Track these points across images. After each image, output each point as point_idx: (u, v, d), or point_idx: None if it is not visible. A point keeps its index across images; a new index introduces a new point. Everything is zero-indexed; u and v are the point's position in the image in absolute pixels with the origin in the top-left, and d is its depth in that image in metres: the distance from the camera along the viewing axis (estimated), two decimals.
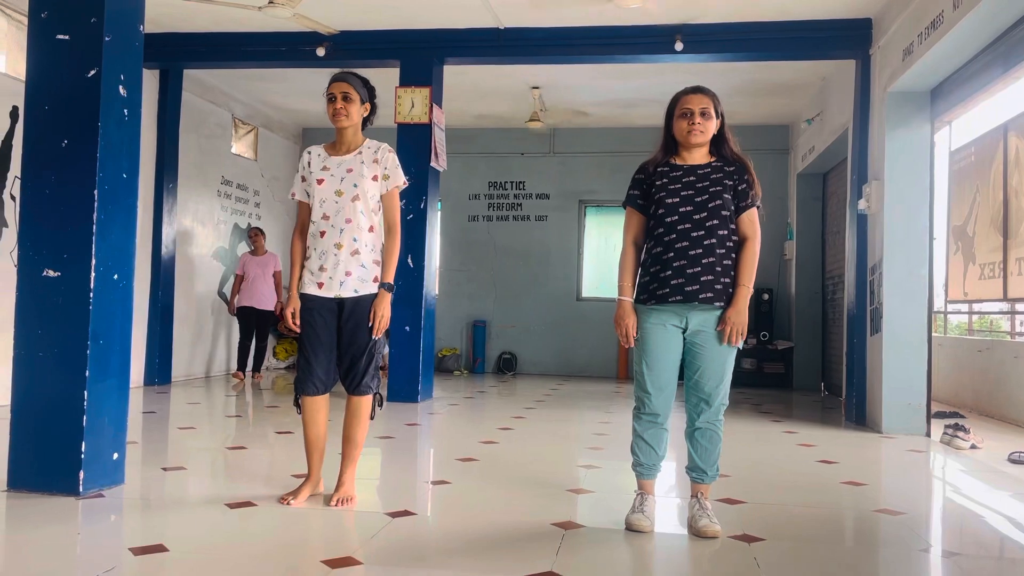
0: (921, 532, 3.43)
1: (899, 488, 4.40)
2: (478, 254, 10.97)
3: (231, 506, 3.39)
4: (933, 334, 6.26)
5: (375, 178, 3.42)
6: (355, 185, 3.37)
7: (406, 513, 3.34)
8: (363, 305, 3.40)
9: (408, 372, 7.07)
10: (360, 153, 3.44)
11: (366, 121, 3.53)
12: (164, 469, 4.14)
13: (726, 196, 3.10)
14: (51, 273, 3.53)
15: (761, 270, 11.40)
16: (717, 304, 3.07)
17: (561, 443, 5.48)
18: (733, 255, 3.12)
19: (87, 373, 3.48)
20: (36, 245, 3.56)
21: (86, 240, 3.52)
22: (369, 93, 3.50)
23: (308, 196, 3.48)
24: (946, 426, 5.68)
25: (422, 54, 7.20)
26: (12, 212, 6.20)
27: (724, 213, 3.09)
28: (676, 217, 3.08)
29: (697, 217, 3.07)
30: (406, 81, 7.20)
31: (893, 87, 6.11)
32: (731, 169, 3.15)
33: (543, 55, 7.27)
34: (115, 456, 3.65)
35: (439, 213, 8.53)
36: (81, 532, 3.05)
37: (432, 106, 7.13)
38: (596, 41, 7.02)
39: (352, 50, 7.29)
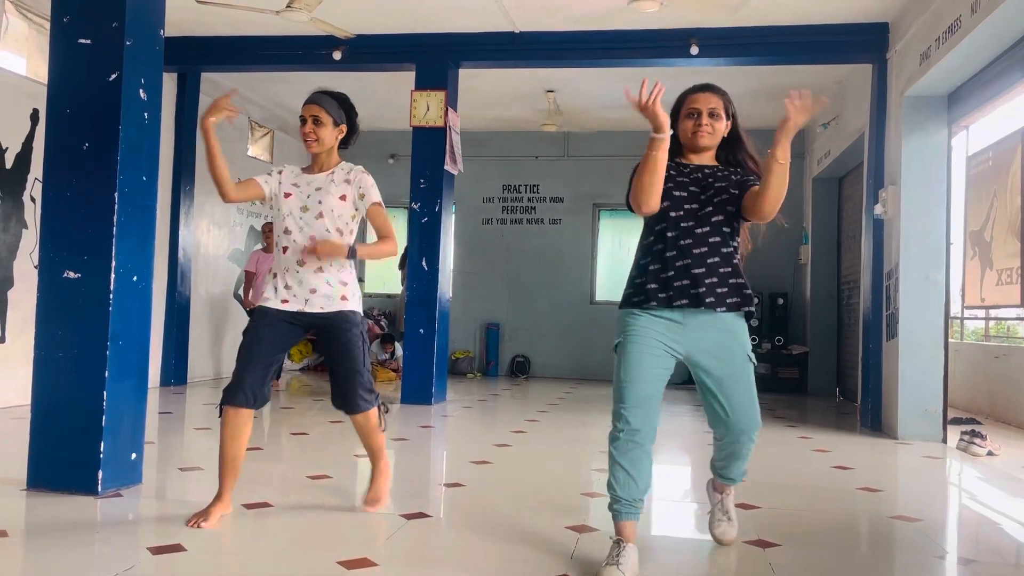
0: (937, 539, 3.41)
1: (915, 494, 4.38)
2: (492, 257, 10.98)
3: (247, 507, 3.41)
4: (950, 340, 6.22)
5: (343, 198, 3.28)
6: (320, 202, 3.25)
7: (421, 515, 3.35)
8: (338, 326, 3.25)
9: (422, 374, 7.09)
10: (332, 173, 3.33)
11: (347, 142, 3.41)
12: (181, 469, 4.17)
13: (733, 192, 2.81)
14: (71, 274, 3.57)
15: (775, 274, 11.32)
16: (724, 310, 2.75)
17: (575, 446, 5.48)
18: (738, 254, 2.86)
19: (106, 374, 3.52)
20: (57, 247, 3.60)
21: (106, 242, 3.55)
22: (347, 113, 3.36)
23: (266, 187, 3.33)
24: (962, 432, 5.65)
25: (437, 58, 7.22)
26: (32, 214, 6.27)
27: (731, 209, 2.80)
28: (681, 212, 2.78)
29: (702, 213, 2.79)
30: (421, 85, 7.23)
31: (910, 91, 6.08)
32: (737, 177, 2.86)
33: (558, 59, 7.28)
34: (133, 456, 3.69)
35: (453, 216, 8.54)
36: (99, 531, 3.08)
37: (447, 109, 7.16)
38: (611, 45, 7.03)
39: (368, 54, 7.33)
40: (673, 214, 2.78)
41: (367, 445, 3.49)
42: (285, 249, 3.26)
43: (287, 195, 3.30)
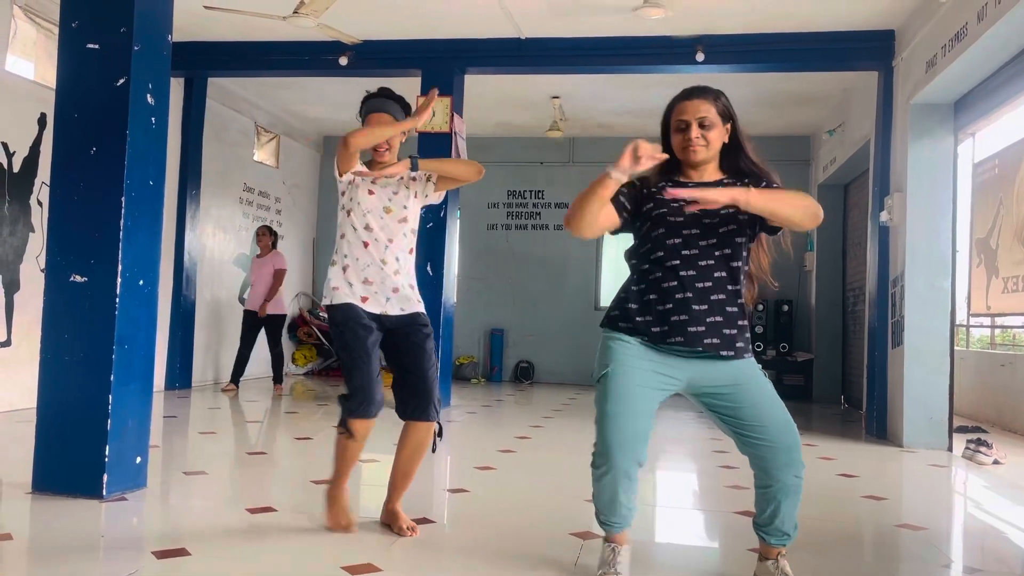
0: (942, 548, 3.40)
1: (920, 503, 4.36)
2: (496, 263, 10.99)
3: (252, 511, 3.41)
4: (955, 348, 6.21)
5: (415, 197, 3.23)
6: (404, 207, 3.17)
7: (425, 521, 3.35)
8: (416, 329, 3.13)
9: None
10: (401, 178, 3.22)
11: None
12: (185, 473, 4.17)
13: (741, 217, 2.48)
14: (78, 278, 3.58)
15: (781, 281, 11.29)
16: (728, 355, 2.47)
17: (578, 453, 5.44)
18: (741, 300, 2.53)
19: (112, 377, 3.52)
20: (64, 250, 3.61)
21: (113, 246, 3.56)
22: (407, 114, 3.25)
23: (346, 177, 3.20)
24: (968, 441, 5.63)
25: (443, 64, 7.24)
26: (39, 218, 6.29)
27: (738, 241, 2.50)
28: (679, 240, 2.48)
29: (704, 243, 2.48)
30: (427, 90, 7.22)
31: (916, 99, 6.07)
32: (748, 183, 2.49)
33: (563, 65, 7.29)
34: (138, 460, 3.69)
35: (458, 222, 8.55)
36: (104, 535, 3.08)
37: (453, 115, 7.17)
38: (617, 51, 7.04)
39: (374, 59, 7.35)
40: (670, 241, 2.49)
41: (406, 469, 3.19)
42: (366, 244, 3.12)
43: (370, 192, 3.17)
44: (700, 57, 6.78)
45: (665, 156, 2.46)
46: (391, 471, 3.23)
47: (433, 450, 3.19)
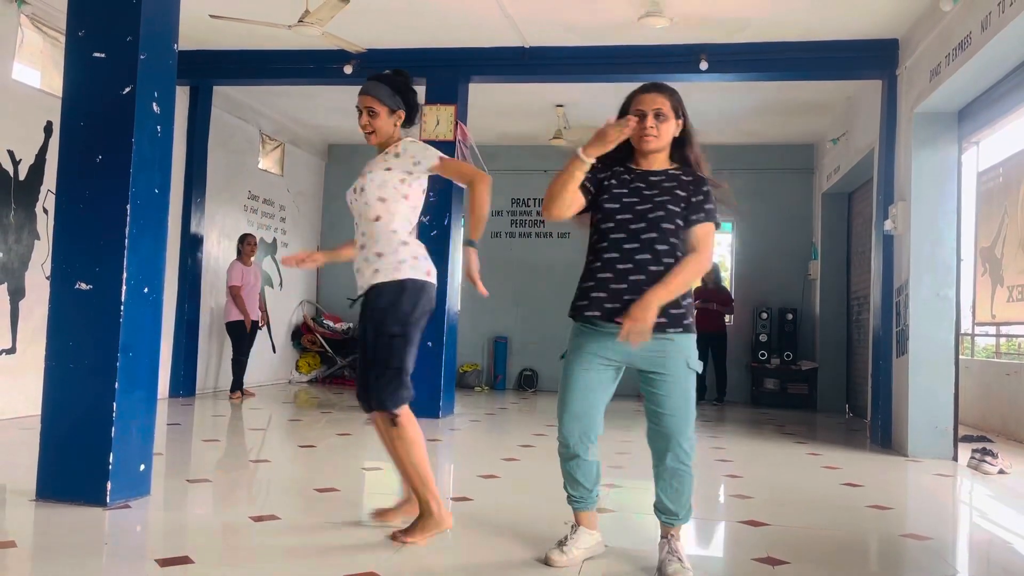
0: (947, 558, 3.38)
1: (925, 513, 4.35)
2: (500, 270, 10.97)
3: (255, 519, 3.41)
4: (960, 357, 6.19)
5: (388, 169, 3.18)
6: (371, 182, 3.18)
7: None
8: (372, 301, 3.10)
9: (430, 388, 7.08)
10: (385, 154, 3.24)
11: (410, 120, 3.32)
12: (189, 481, 4.17)
13: (671, 208, 2.72)
14: (83, 286, 3.59)
15: (785, 290, 11.27)
16: (655, 334, 2.66)
17: None
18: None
19: (116, 384, 3.52)
20: (69, 258, 3.62)
21: (118, 254, 3.57)
22: (403, 98, 3.26)
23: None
24: (973, 450, 5.61)
25: (448, 72, 7.26)
26: (45, 225, 6.31)
27: (665, 227, 2.71)
28: (612, 224, 2.75)
29: (634, 227, 2.72)
30: (432, 99, 7.27)
31: (920, 107, 6.08)
32: (688, 179, 2.78)
33: (567, 74, 7.31)
34: (142, 467, 3.69)
35: (462, 230, 8.55)
36: (108, 543, 3.08)
37: (457, 124, 7.19)
38: (621, 60, 7.05)
39: (379, 68, 7.20)
40: (604, 226, 2.78)
41: (392, 458, 3.26)
42: (356, 241, 3.27)
43: (354, 190, 3.29)
44: (704, 66, 6.79)
45: (633, 123, 2.68)
46: None
47: (394, 423, 3.14)
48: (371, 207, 3.17)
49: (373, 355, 3.10)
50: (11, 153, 6.07)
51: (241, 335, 8.18)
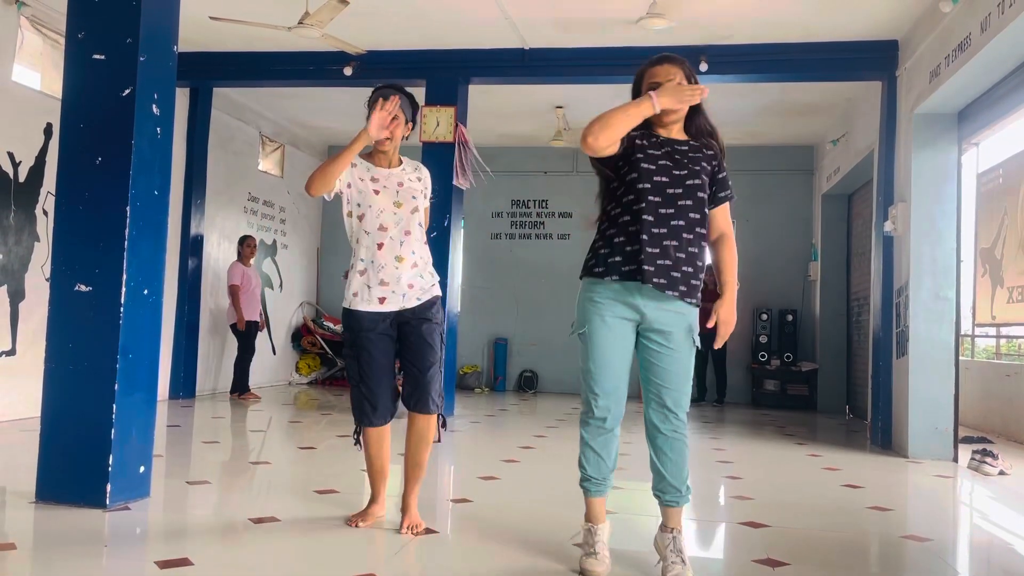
0: (948, 559, 3.38)
1: (926, 514, 4.34)
2: (500, 272, 11.00)
3: (255, 521, 3.41)
4: (960, 358, 6.19)
5: (420, 193, 3.35)
6: (413, 197, 3.28)
7: (428, 531, 3.34)
8: (425, 315, 3.25)
9: None
10: (404, 170, 3.35)
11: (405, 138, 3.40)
12: (189, 483, 4.17)
13: (704, 178, 2.78)
14: (83, 288, 3.59)
15: (785, 291, 11.27)
16: (674, 295, 2.71)
17: None
18: (700, 245, 2.78)
19: (116, 387, 3.53)
20: (68, 260, 3.62)
21: (118, 256, 3.57)
22: (413, 112, 3.37)
23: (339, 184, 3.26)
24: (974, 451, 5.60)
25: (448, 74, 7.27)
26: (45, 227, 6.31)
27: (700, 195, 2.76)
28: (649, 185, 2.72)
29: (671, 192, 2.73)
30: (431, 100, 7.27)
31: (920, 109, 6.08)
32: (711, 153, 2.83)
33: (567, 75, 7.31)
34: (141, 469, 3.69)
35: (462, 231, 8.56)
36: (107, 545, 3.08)
37: (457, 125, 7.19)
38: (621, 62, 7.04)
39: (379, 69, 7.37)
40: (640, 185, 2.73)
41: (414, 460, 3.33)
42: (380, 245, 3.21)
43: (376, 192, 3.26)
44: (704, 67, 6.79)
45: (706, 92, 2.69)
46: (404, 462, 3.39)
47: (438, 440, 3.37)
48: (422, 231, 3.33)
49: (431, 359, 3.25)
50: (11, 155, 6.07)
51: (240, 337, 8.16)
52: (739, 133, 9.69)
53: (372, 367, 3.23)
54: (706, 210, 2.80)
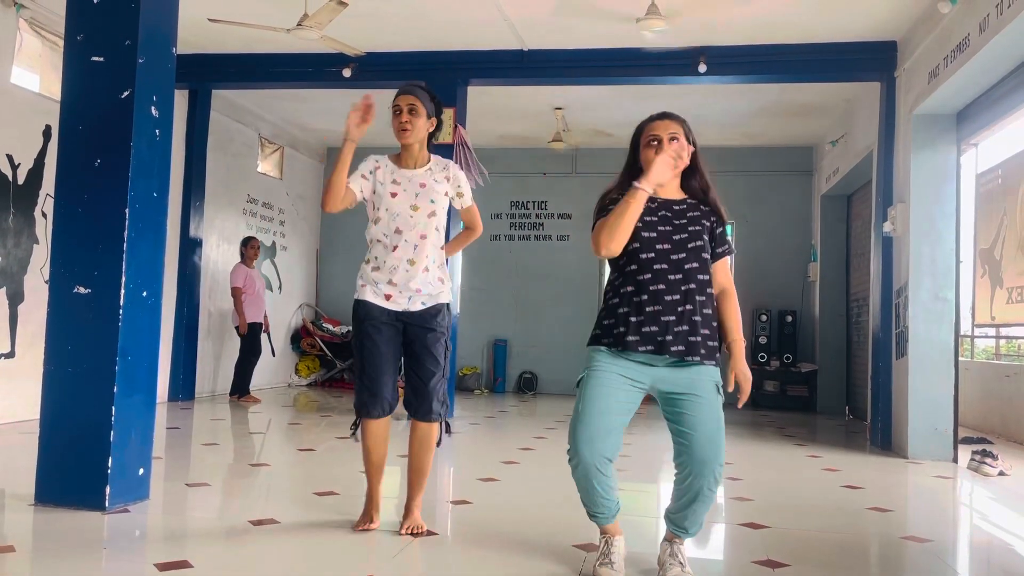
0: (948, 560, 3.38)
1: (926, 515, 4.34)
2: (500, 273, 10.99)
3: (255, 523, 3.40)
4: (960, 358, 6.19)
5: (446, 194, 3.32)
6: (432, 201, 3.24)
7: (428, 533, 3.33)
8: (430, 323, 3.23)
9: None
10: (430, 169, 3.30)
11: (432, 137, 3.36)
12: (188, 485, 4.17)
13: (705, 237, 2.74)
14: (82, 290, 3.59)
15: (784, 291, 11.26)
16: (694, 359, 2.65)
17: None
18: (713, 306, 2.74)
19: (115, 389, 3.52)
20: (67, 262, 3.62)
21: (116, 258, 3.57)
22: (436, 108, 3.33)
23: (358, 192, 3.26)
24: (973, 452, 5.60)
25: (447, 75, 7.26)
26: (43, 229, 6.31)
27: (704, 256, 2.73)
28: (652, 255, 2.68)
29: (675, 258, 2.69)
30: None
31: (918, 109, 6.08)
32: (707, 209, 2.80)
33: (566, 76, 7.31)
34: (141, 471, 3.69)
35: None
36: (106, 547, 3.07)
37: (456, 126, 7.19)
38: (620, 63, 7.06)
39: (378, 71, 7.38)
40: (644, 256, 2.69)
41: (417, 465, 3.33)
42: (395, 248, 3.20)
43: (393, 195, 3.24)
44: (702, 68, 6.79)
45: (691, 150, 2.77)
46: (407, 467, 3.40)
47: (438, 444, 3.34)
48: (440, 236, 3.30)
49: (434, 367, 3.24)
50: (10, 157, 6.06)
51: (244, 338, 8.15)
52: (738, 134, 9.70)
53: (374, 358, 3.21)
54: (709, 269, 2.76)
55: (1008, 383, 7.55)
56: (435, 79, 7.25)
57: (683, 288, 2.67)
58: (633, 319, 2.66)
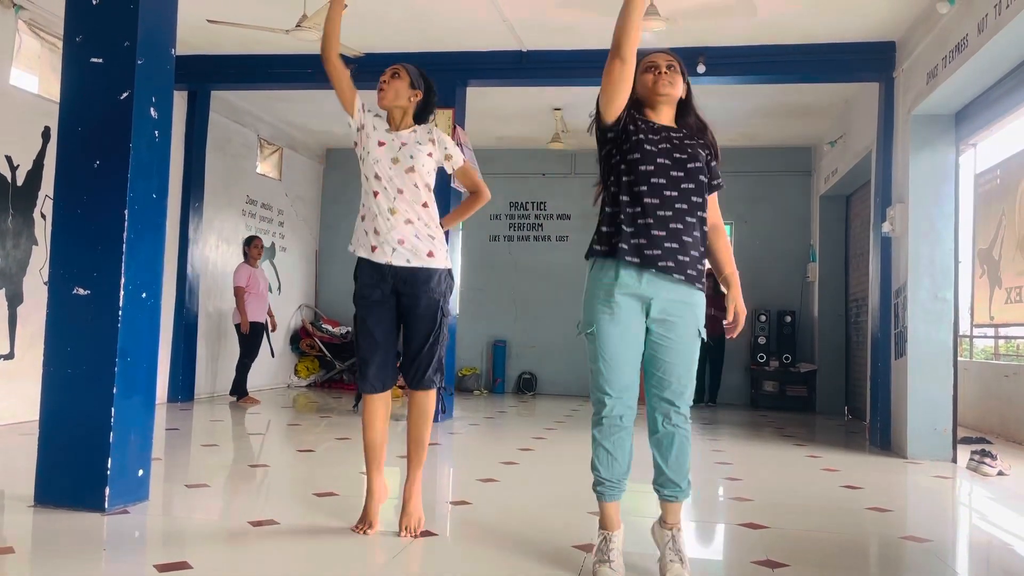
0: (947, 560, 3.38)
1: (925, 515, 4.34)
2: (499, 274, 10.99)
3: (254, 524, 3.40)
4: (959, 358, 6.19)
5: (430, 155, 3.31)
6: (411, 156, 3.26)
7: (427, 534, 3.33)
8: (417, 287, 3.22)
9: None
10: (415, 131, 3.35)
11: (423, 116, 3.42)
12: (187, 486, 4.16)
13: (701, 163, 2.76)
14: (81, 291, 3.59)
15: (783, 292, 11.26)
16: (681, 279, 2.68)
17: (582, 464, 5.41)
18: (703, 230, 2.76)
19: (114, 390, 3.52)
20: (67, 263, 3.62)
21: (116, 259, 3.57)
22: (426, 85, 3.39)
23: (357, 112, 3.36)
24: (972, 452, 5.61)
25: (446, 76, 7.23)
26: (43, 231, 6.31)
27: (702, 179, 2.75)
28: (652, 167, 2.70)
29: (675, 174, 2.71)
30: None
31: (917, 110, 6.09)
32: (703, 141, 2.82)
33: (565, 77, 7.31)
34: (140, 473, 3.69)
35: (460, 233, 8.56)
36: (106, 548, 3.07)
37: (455, 127, 7.19)
38: None
39: (377, 72, 7.14)
40: (643, 168, 2.71)
41: (414, 435, 3.34)
42: (376, 194, 3.24)
43: (380, 143, 3.30)
44: (701, 69, 6.79)
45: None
46: (406, 440, 3.42)
47: (436, 418, 3.35)
48: (420, 192, 3.27)
49: (428, 335, 3.25)
50: (9, 159, 6.06)
51: (243, 338, 8.13)
52: (736, 135, 9.70)
53: (368, 333, 3.27)
54: (705, 194, 2.77)
55: (1007, 383, 7.56)
56: (434, 80, 7.25)
57: (676, 206, 2.70)
58: (626, 228, 2.69)
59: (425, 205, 3.28)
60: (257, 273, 8.22)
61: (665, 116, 2.84)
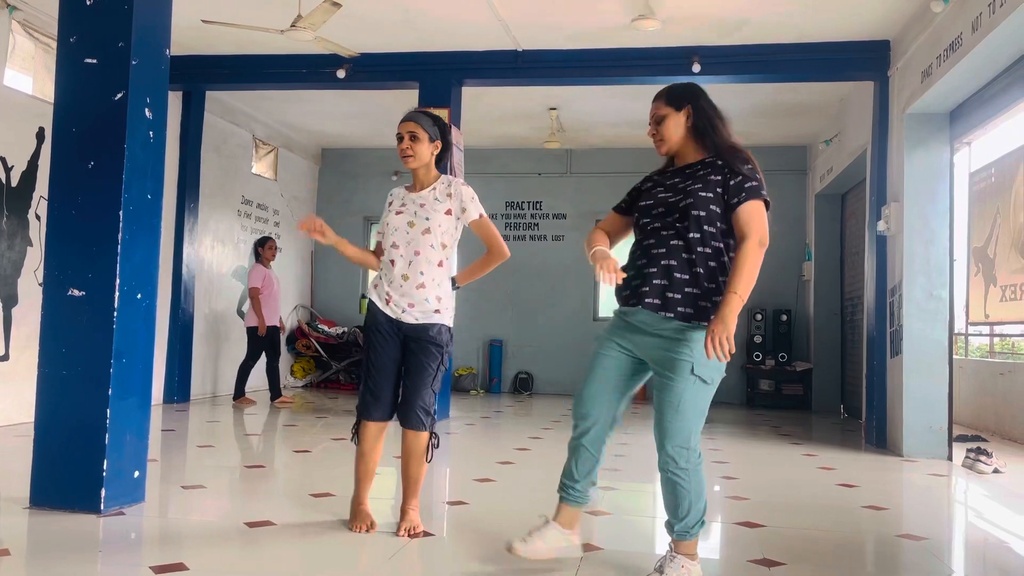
0: (943, 558, 3.39)
1: (921, 513, 4.35)
2: (495, 273, 10.84)
3: (250, 525, 3.40)
4: (954, 356, 6.21)
5: (448, 212, 3.40)
6: (427, 218, 3.35)
7: (424, 533, 3.34)
8: (422, 337, 3.33)
9: None
10: (435, 188, 3.42)
11: (441, 158, 3.48)
12: (183, 487, 4.16)
13: (702, 195, 2.69)
14: (76, 292, 3.58)
15: (779, 290, 11.24)
16: (668, 315, 2.66)
17: None
18: (709, 264, 2.69)
19: (110, 391, 3.52)
20: (61, 264, 3.61)
21: (111, 260, 3.56)
22: (441, 131, 3.46)
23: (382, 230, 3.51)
24: (968, 450, 5.62)
25: (441, 76, 7.26)
26: (37, 232, 6.29)
27: (696, 213, 2.67)
28: (649, 219, 2.81)
29: (669, 218, 2.74)
30: (425, 103, 7.25)
31: (912, 108, 6.10)
32: (722, 164, 2.74)
33: (560, 77, 7.32)
34: (136, 474, 3.68)
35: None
36: (102, 550, 3.07)
37: (451, 128, 7.18)
38: (614, 63, 7.06)
39: (372, 72, 7.38)
40: (642, 222, 2.84)
41: (408, 474, 3.39)
42: (392, 263, 3.36)
43: (398, 212, 3.41)
44: (696, 68, 6.80)
45: (608, 280, 2.68)
46: (401, 475, 3.47)
47: (428, 459, 3.40)
48: (435, 252, 3.38)
49: (423, 382, 3.33)
50: (3, 160, 6.05)
51: (257, 340, 8.10)
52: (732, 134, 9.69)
53: (376, 363, 3.35)
54: (708, 227, 2.70)
55: (1002, 381, 7.58)
56: (429, 80, 7.27)
57: (671, 243, 2.72)
58: (629, 279, 2.79)
59: (440, 264, 3.40)
60: (271, 275, 8.22)
61: (687, 156, 2.86)
